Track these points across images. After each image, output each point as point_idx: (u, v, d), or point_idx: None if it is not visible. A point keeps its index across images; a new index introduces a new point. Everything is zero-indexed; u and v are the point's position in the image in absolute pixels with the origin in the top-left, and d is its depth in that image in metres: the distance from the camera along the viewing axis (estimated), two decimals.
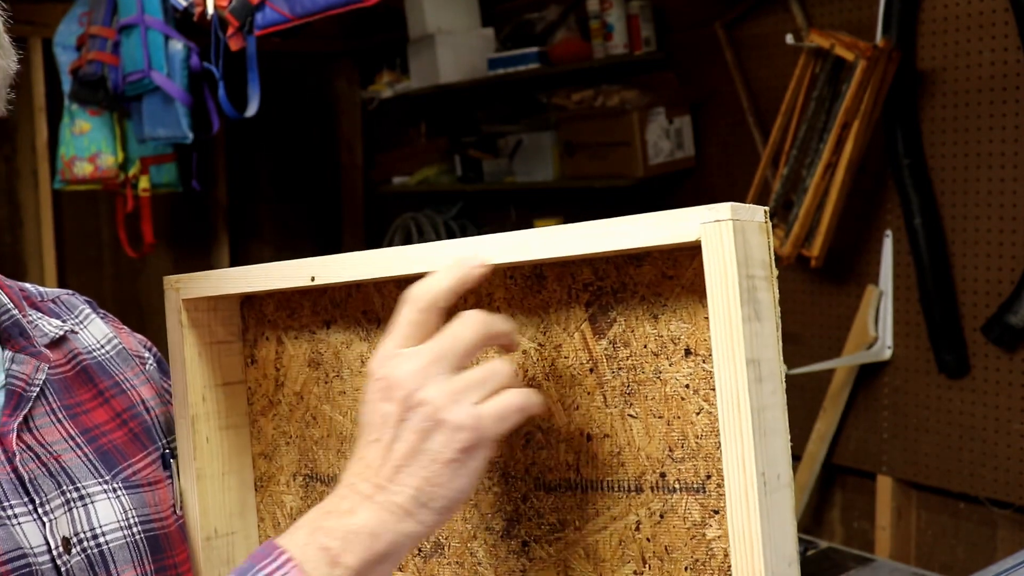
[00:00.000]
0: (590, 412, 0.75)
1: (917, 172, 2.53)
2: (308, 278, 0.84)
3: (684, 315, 0.71)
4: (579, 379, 0.75)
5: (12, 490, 0.82)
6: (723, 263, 0.64)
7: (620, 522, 0.74)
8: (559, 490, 0.78)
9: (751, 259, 0.66)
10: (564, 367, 0.76)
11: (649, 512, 0.73)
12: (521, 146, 3.59)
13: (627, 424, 0.74)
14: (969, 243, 2.49)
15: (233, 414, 0.99)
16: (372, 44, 4.22)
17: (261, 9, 2.42)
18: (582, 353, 0.75)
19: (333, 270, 0.83)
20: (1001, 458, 2.47)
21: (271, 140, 4.27)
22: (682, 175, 3.18)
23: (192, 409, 0.96)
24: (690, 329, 0.71)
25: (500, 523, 0.81)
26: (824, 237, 2.57)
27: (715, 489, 0.70)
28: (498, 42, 3.69)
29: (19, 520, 0.81)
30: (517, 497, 0.80)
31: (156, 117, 2.96)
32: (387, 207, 4.33)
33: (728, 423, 0.64)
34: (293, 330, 0.94)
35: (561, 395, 0.76)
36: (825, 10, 2.72)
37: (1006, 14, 2.36)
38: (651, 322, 0.72)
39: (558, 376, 0.77)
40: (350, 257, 0.82)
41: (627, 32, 3.18)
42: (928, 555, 2.67)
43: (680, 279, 0.71)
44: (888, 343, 2.66)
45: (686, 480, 0.71)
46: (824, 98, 2.56)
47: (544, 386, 0.77)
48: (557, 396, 0.77)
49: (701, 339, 0.70)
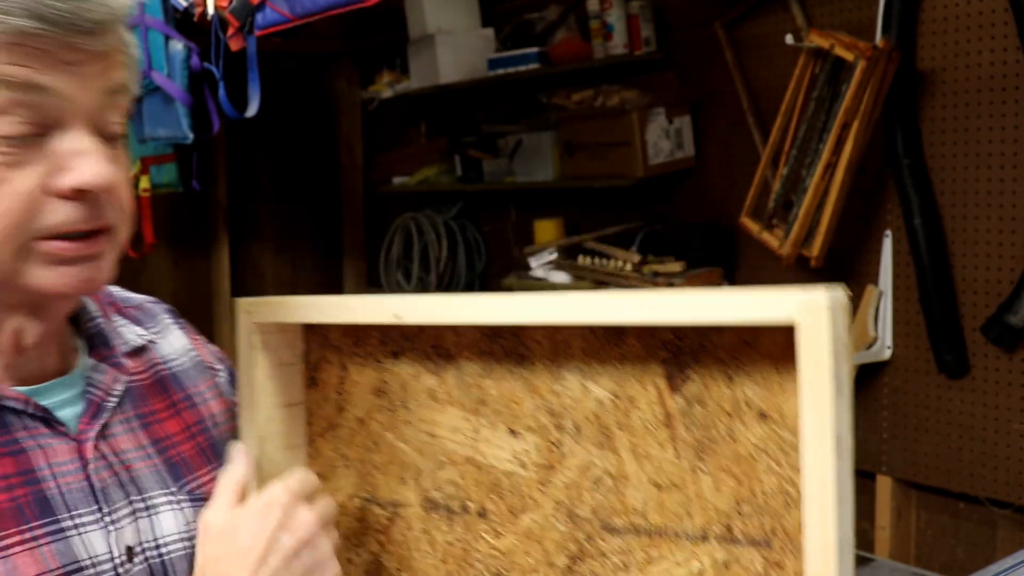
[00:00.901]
0: (661, 463, 0.79)
1: (917, 172, 2.53)
2: (392, 315, 0.87)
3: (760, 380, 0.74)
4: (652, 431, 0.79)
5: (83, 498, 0.84)
6: (818, 347, 0.68)
7: (683, 568, 0.78)
8: (625, 533, 0.81)
9: (838, 339, 0.69)
10: (638, 418, 0.80)
11: (713, 560, 0.76)
12: (521, 146, 3.59)
13: (697, 477, 0.77)
14: (969, 243, 2.49)
15: (293, 434, 1.01)
16: (372, 44, 4.22)
17: (261, 9, 2.42)
18: (657, 407, 0.79)
19: (417, 312, 0.86)
20: (1001, 458, 2.47)
21: (271, 140, 4.27)
22: (682, 175, 3.17)
23: (259, 430, 0.98)
24: (765, 394, 0.74)
25: (563, 560, 0.85)
26: (824, 237, 2.57)
27: (779, 544, 0.73)
28: (498, 42, 3.69)
29: (85, 529, 0.83)
30: (582, 537, 0.84)
31: (156, 117, 2.96)
32: (387, 207, 4.33)
33: (813, 494, 0.68)
34: (359, 357, 0.95)
35: (633, 444, 0.80)
36: (825, 10, 2.72)
37: (1006, 14, 2.36)
38: (727, 383, 0.76)
39: (631, 426, 0.80)
40: (433, 302, 0.85)
41: (627, 32, 3.17)
42: (928, 555, 2.67)
43: (758, 347, 0.74)
44: (888, 343, 2.66)
45: (751, 534, 0.75)
46: (824, 98, 2.56)
47: (617, 435, 0.80)
48: (629, 445, 0.80)
49: (775, 404, 0.73)
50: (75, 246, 0.79)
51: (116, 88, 0.81)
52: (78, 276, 0.80)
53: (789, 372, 0.72)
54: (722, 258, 3.02)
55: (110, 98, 0.81)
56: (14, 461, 0.82)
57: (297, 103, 4.35)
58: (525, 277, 3.48)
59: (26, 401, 0.84)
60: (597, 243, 3.26)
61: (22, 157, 0.77)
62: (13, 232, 0.77)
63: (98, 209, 0.80)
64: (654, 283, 2.97)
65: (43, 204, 0.78)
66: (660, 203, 3.26)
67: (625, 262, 3.10)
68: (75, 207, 0.79)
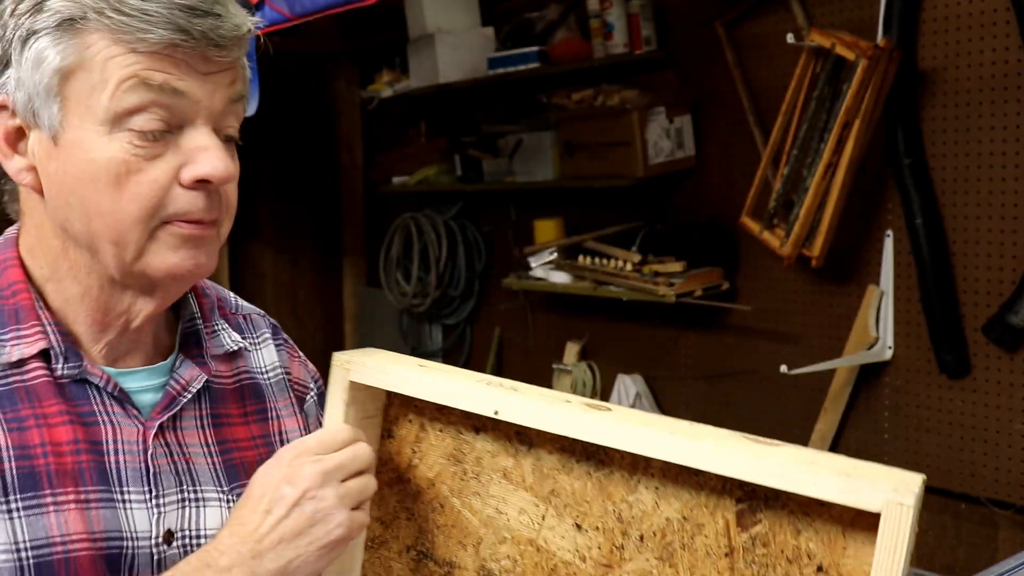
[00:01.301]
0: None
1: (918, 172, 2.52)
2: (492, 410, 0.90)
3: (824, 537, 0.78)
4: (713, 558, 0.83)
5: (136, 478, 0.93)
6: (896, 540, 0.71)
7: None
8: None
9: (913, 533, 0.72)
10: (702, 543, 0.83)
11: None
12: (521, 146, 3.59)
13: None
14: (970, 243, 2.48)
15: None
16: (372, 44, 4.21)
17: (261, 8, 2.42)
18: (722, 538, 0.83)
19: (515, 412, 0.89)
20: (1002, 458, 2.47)
21: (271, 140, 4.26)
22: (682, 175, 3.17)
23: None
24: (826, 551, 0.78)
25: None
26: (825, 237, 2.57)
27: None
28: (498, 42, 3.69)
29: (132, 505, 0.92)
30: None
31: None
32: (387, 207, 4.33)
33: None
34: (439, 423, 0.97)
35: (692, 565, 0.84)
36: (826, 9, 2.72)
37: (1007, 14, 2.35)
38: (792, 533, 0.79)
39: (695, 549, 0.84)
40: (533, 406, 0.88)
41: (627, 31, 3.17)
42: (929, 556, 2.67)
43: (831, 509, 0.77)
44: (889, 343, 2.66)
45: None
46: (825, 98, 2.55)
47: (678, 553, 0.84)
48: (689, 564, 0.84)
49: (834, 562, 0.77)
50: (196, 228, 0.91)
51: (236, 97, 0.94)
52: (192, 259, 0.92)
53: (855, 536, 0.76)
54: (722, 258, 3.02)
55: (231, 105, 0.93)
56: (86, 430, 0.92)
57: (297, 103, 4.34)
58: (525, 277, 3.48)
59: (108, 380, 0.94)
60: (597, 243, 3.26)
61: (157, 151, 0.89)
62: (147, 216, 0.89)
63: (215, 199, 0.92)
64: (654, 283, 2.97)
65: (172, 192, 0.90)
66: (660, 203, 3.26)
67: (625, 262, 3.09)
68: (197, 196, 0.91)
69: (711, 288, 2.99)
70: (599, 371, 3.51)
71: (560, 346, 3.64)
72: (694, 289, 2.96)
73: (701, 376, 3.21)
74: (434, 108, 4.07)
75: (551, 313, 3.72)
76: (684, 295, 2.94)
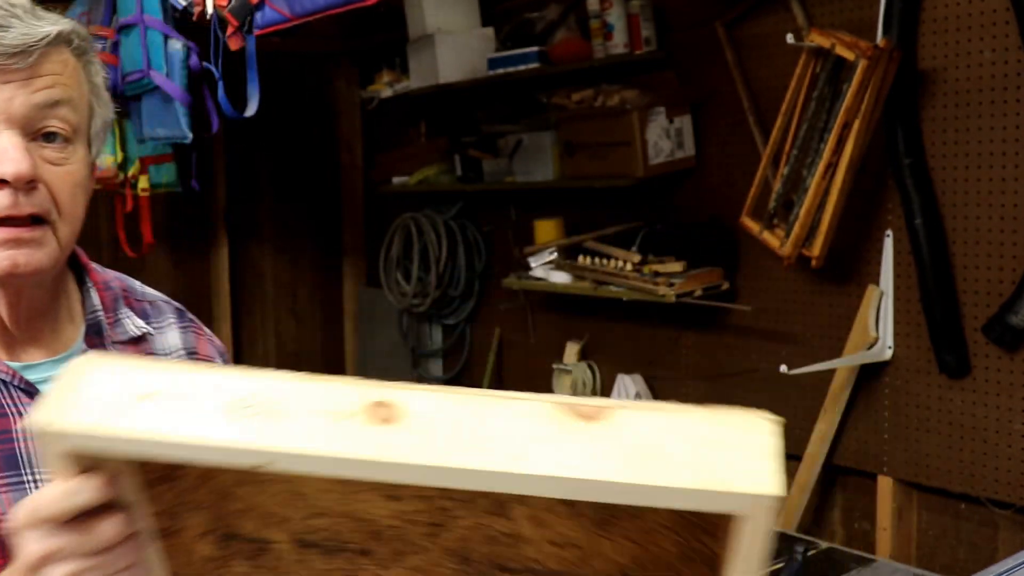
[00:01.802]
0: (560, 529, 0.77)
1: (918, 172, 2.52)
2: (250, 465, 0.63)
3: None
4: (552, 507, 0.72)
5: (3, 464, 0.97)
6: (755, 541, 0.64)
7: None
8: (522, 573, 0.79)
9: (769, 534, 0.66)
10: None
11: None
12: (521, 146, 3.59)
13: (599, 540, 0.76)
14: (970, 243, 2.48)
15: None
16: (372, 44, 4.21)
17: (260, 8, 2.42)
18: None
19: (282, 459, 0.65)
20: (1002, 458, 2.47)
21: (271, 140, 4.27)
22: (682, 175, 3.17)
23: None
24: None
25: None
26: (825, 237, 2.57)
27: None
28: (498, 42, 3.69)
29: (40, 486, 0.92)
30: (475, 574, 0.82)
31: (155, 117, 2.95)
32: (387, 207, 4.33)
33: None
34: None
35: (531, 514, 0.73)
36: (826, 9, 2.72)
37: (1007, 14, 2.35)
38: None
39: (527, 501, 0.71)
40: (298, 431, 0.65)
41: (627, 31, 3.17)
42: (929, 556, 2.67)
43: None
44: (889, 343, 2.66)
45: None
46: (825, 98, 2.55)
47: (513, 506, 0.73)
48: (527, 515, 0.74)
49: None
50: (8, 229, 0.94)
51: (47, 103, 0.96)
52: (9, 259, 0.95)
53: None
54: (722, 258, 3.02)
55: (42, 111, 0.96)
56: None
57: (297, 103, 4.34)
58: (525, 277, 3.48)
59: (13, 374, 1.00)
60: (597, 243, 3.26)
61: None
62: None
63: (36, 198, 0.95)
64: (654, 283, 2.97)
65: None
66: (660, 203, 3.26)
67: (625, 262, 3.09)
68: (3, 195, 0.94)
69: (711, 288, 2.99)
70: (599, 371, 3.51)
71: (560, 346, 3.64)
72: (694, 289, 2.96)
73: (701, 376, 3.21)
74: (434, 108, 4.07)
75: (551, 313, 3.72)
76: (684, 295, 2.94)
